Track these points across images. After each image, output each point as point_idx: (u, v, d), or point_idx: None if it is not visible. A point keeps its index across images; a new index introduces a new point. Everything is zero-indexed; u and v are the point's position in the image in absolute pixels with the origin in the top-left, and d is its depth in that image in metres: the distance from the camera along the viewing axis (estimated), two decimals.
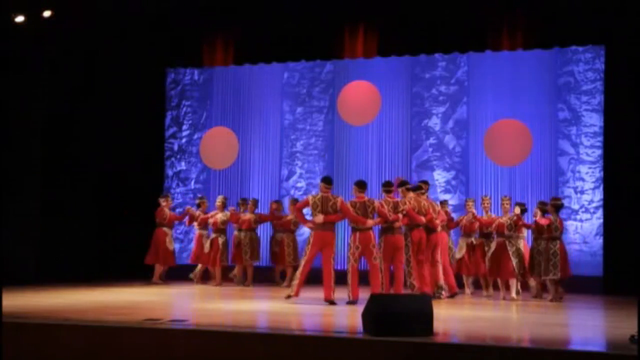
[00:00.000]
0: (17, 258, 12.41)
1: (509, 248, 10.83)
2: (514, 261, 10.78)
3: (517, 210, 11.06)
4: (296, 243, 13.16)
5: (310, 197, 10.11)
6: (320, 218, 9.88)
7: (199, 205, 13.44)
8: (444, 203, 12.19)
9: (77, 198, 13.60)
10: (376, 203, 10.20)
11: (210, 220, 13.06)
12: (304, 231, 13.76)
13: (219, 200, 13.26)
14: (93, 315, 8.40)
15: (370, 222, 10.03)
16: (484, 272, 11.47)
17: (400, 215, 10.32)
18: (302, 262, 10.08)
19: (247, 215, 12.98)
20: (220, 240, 12.90)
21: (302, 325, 8.37)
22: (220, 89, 15.24)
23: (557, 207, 10.96)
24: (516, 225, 10.96)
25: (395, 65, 14.05)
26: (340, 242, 13.86)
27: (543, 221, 10.89)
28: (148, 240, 13.03)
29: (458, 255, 11.84)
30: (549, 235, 10.82)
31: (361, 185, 10.29)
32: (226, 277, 13.12)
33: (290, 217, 13.07)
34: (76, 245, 13.29)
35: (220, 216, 13.00)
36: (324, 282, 9.98)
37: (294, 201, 13.54)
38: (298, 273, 10.07)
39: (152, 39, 14.06)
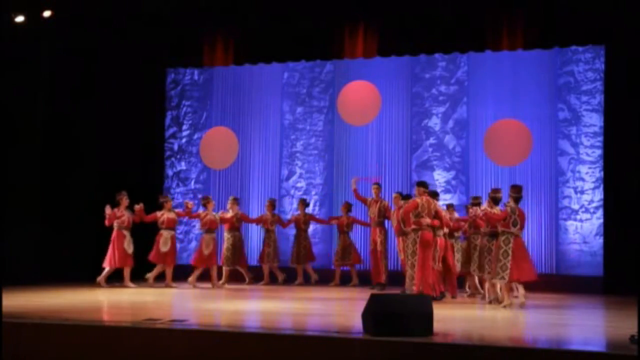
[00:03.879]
0: (17, 258, 12.41)
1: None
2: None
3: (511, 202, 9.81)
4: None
5: (418, 201, 10.41)
6: (427, 221, 10.28)
7: (204, 206, 13.19)
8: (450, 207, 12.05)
9: (77, 198, 13.59)
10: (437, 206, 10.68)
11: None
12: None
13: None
14: (93, 315, 8.40)
15: (424, 221, 10.33)
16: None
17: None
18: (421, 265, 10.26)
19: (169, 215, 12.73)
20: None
21: (302, 325, 8.38)
22: (220, 89, 15.24)
23: (496, 200, 10.32)
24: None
25: (395, 65, 14.04)
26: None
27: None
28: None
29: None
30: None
31: (425, 185, 10.66)
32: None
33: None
34: (76, 245, 13.28)
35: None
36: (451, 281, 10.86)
37: (304, 202, 13.63)
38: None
39: (152, 39, 14.04)
